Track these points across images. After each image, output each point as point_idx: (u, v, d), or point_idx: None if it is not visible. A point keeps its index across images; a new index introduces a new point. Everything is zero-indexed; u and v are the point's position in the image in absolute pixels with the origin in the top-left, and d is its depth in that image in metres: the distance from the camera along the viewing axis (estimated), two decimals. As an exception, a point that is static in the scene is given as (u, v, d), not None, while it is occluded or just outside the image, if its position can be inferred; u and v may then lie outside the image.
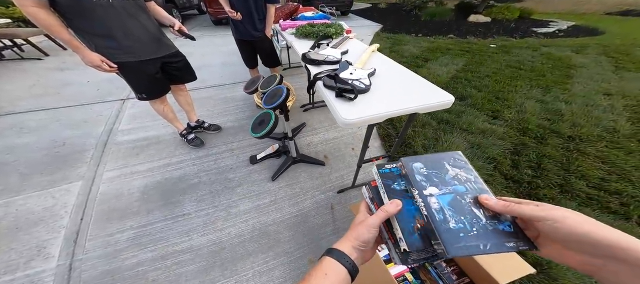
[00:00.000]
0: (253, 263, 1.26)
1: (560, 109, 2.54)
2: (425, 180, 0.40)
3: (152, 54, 1.49)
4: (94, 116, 2.38)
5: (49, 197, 1.57)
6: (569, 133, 2.19)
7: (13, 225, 1.40)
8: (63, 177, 1.71)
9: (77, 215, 1.47)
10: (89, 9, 1.17)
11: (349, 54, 1.44)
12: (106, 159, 1.89)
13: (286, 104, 1.37)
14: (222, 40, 4.99)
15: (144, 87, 1.58)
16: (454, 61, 3.81)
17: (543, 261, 1.24)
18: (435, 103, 0.93)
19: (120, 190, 1.63)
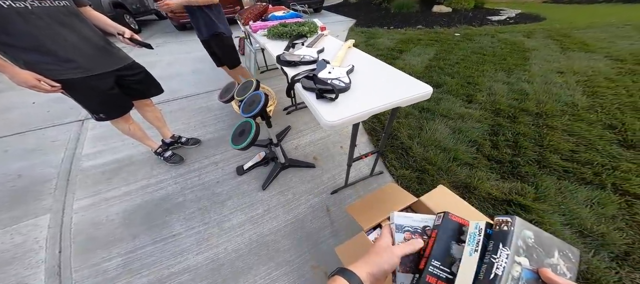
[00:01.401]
0: (255, 276, 1.24)
1: (525, 89, 2.78)
2: (525, 249, 0.39)
3: (101, 68, 1.34)
4: (48, 142, 2.16)
5: (15, 234, 1.46)
6: (536, 110, 2.40)
7: None
8: (26, 213, 1.57)
9: (54, 248, 1.39)
10: (5, 18, 1.01)
11: (325, 52, 1.42)
12: (74, 188, 1.74)
13: (266, 110, 1.33)
14: (190, 46, 4.74)
15: (99, 106, 1.44)
16: (426, 51, 4.00)
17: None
18: (415, 95, 0.96)
19: (97, 218, 1.53)
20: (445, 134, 2.11)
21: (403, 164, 1.82)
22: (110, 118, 1.51)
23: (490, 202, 1.53)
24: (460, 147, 1.94)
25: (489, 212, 1.48)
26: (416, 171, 1.75)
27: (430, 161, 1.80)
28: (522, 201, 1.50)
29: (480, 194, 1.56)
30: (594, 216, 1.44)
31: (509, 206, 1.50)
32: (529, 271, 0.38)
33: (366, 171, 1.78)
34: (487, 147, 1.96)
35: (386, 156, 1.90)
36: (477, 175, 1.69)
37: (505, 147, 1.95)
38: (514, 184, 1.63)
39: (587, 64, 3.35)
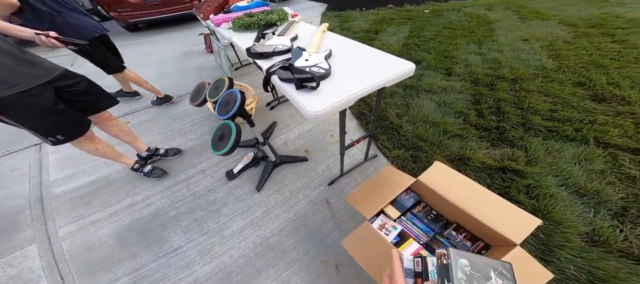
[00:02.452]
0: (267, 279, 1.24)
1: (497, 57, 2.91)
2: (465, 280, 0.42)
3: (30, 81, 1.15)
4: (7, 172, 1.95)
5: (6, 266, 1.39)
6: (511, 76, 2.52)
7: None
8: (9, 246, 1.48)
9: (54, 275, 1.33)
10: None
11: (299, 40, 1.35)
12: (51, 215, 1.62)
13: (245, 109, 1.26)
14: (148, 48, 4.30)
15: (51, 127, 1.27)
16: (400, 30, 4.01)
17: (541, 206, 1.37)
18: (398, 73, 0.93)
19: (88, 242, 1.46)
20: (432, 108, 2.15)
21: (395, 144, 1.85)
22: (70, 139, 1.36)
23: (486, 171, 1.59)
24: (448, 120, 1.99)
25: (486, 182, 1.54)
26: (410, 150, 1.78)
27: (422, 138, 1.84)
28: (516, 166, 1.57)
29: (475, 164, 1.62)
30: (585, 173, 1.54)
31: (505, 173, 1.57)
32: None
33: (360, 157, 1.79)
34: (473, 116, 2.03)
35: (378, 138, 1.91)
36: (469, 145, 1.75)
37: (490, 115, 2.03)
38: (505, 150, 1.71)
39: (545, 30, 3.56)
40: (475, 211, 0.92)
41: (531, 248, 1.23)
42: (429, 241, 1.04)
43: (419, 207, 1.17)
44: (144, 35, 5.00)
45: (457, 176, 1.10)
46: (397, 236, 1.06)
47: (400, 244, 1.03)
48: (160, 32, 5.06)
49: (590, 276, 1.11)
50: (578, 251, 1.19)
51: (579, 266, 1.14)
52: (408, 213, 1.15)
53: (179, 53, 3.94)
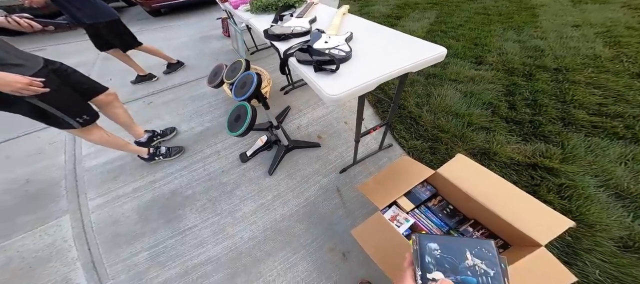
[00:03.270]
0: (274, 262, 1.27)
1: (539, 45, 2.60)
2: (434, 264, 0.39)
3: (38, 62, 1.19)
4: (45, 145, 2.13)
5: (43, 234, 1.52)
6: (554, 66, 2.25)
7: (26, 265, 1.38)
8: (47, 215, 1.61)
9: (83, 246, 1.44)
10: None
11: (318, 22, 1.30)
12: (84, 188, 1.75)
13: (261, 91, 1.25)
14: (169, 32, 4.36)
15: (75, 107, 1.30)
16: (425, 15, 3.72)
17: (572, 207, 1.26)
18: (427, 58, 0.86)
19: (114, 216, 1.56)
20: (456, 98, 1.99)
21: (413, 134, 1.75)
22: (94, 118, 1.42)
23: (513, 168, 1.47)
24: (474, 111, 1.84)
25: (512, 179, 1.43)
26: (428, 141, 1.68)
27: (443, 129, 1.72)
28: (548, 164, 1.44)
29: (501, 159, 1.50)
30: (630, 174, 1.38)
31: (534, 171, 1.45)
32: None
33: (374, 146, 1.72)
34: (504, 108, 1.85)
35: (395, 127, 1.82)
36: (496, 139, 1.62)
37: (524, 107, 1.84)
38: (538, 146, 1.56)
39: (603, 15, 3.09)
40: (497, 208, 0.86)
41: (554, 250, 1.15)
42: (443, 235, 0.99)
43: (435, 201, 1.12)
44: (165, 21, 5.09)
45: (481, 170, 1.01)
46: (408, 228, 1.02)
47: (410, 237, 0.99)
48: (180, 16, 5.12)
49: (616, 282, 1.03)
50: (608, 255, 1.10)
51: (605, 271, 1.06)
52: (422, 206, 1.10)
53: (198, 37, 3.97)
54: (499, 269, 0.39)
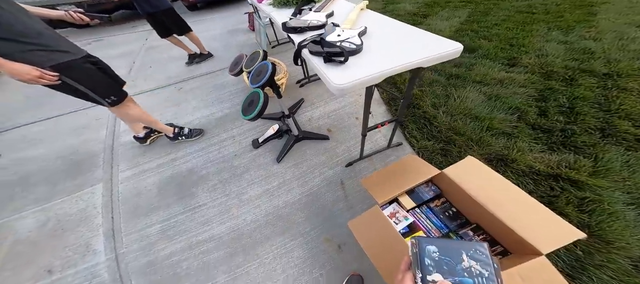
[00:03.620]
0: (272, 246, 1.28)
1: (589, 47, 2.28)
2: (433, 266, 0.40)
3: (81, 52, 1.34)
4: (93, 120, 2.37)
5: (79, 200, 1.67)
6: (604, 70, 1.97)
7: (58, 227, 1.52)
8: (84, 182, 1.78)
9: (108, 214, 1.56)
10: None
11: (335, 16, 1.30)
12: (118, 160, 1.92)
13: (275, 80, 1.29)
14: (202, 26, 4.56)
15: (105, 89, 1.43)
16: (456, 14, 3.47)
17: (592, 222, 1.13)
18: (439, 54, 0.82)
19: (138, 188, 1.68)
20: (478, 101, 1.84)
21: (425, 135, 1.65)
22: (121, 99, 1.55)
23: (532, 177, 1.33)
24: (497, 116, 1.68)
25: (528, 188, 1.29)
26: (441, 142, 1.57)
27: (458, 131, 1.60)
28: (574, 176, 1.27)
29: (519, 167, 1.36)
30: None
31: (556, 182, 1.29)
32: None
33: (383, 143, 1.66)
34: (533, 114, 1.67)
35: (406, 126, 1.74)
36: (517, 146, 1.46)
37: (558, 114, 1.64)
38: (565, 156, 1.39)
39: None
40: (501, 213, 0.78)
41: (559, 262, 1.04)
42: (440, 237, 0.93)
43: (438, 202, 1.05)
44: (200, 15, 5.39)
45: (491, 174, 0.93)
46: (406, 226, 0.98)
47: (407, 235, 0.95)
48: (213, 11, 5.39)
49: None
50: (620, 273, 0.99)
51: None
52: (424, 205, 1.04)
53: (226, 31, 4.15)
54: (492, 269, 0.40)
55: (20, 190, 1.77)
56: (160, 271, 1.26)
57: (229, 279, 1.19)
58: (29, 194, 1.73)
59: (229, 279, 1.19)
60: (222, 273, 1.22)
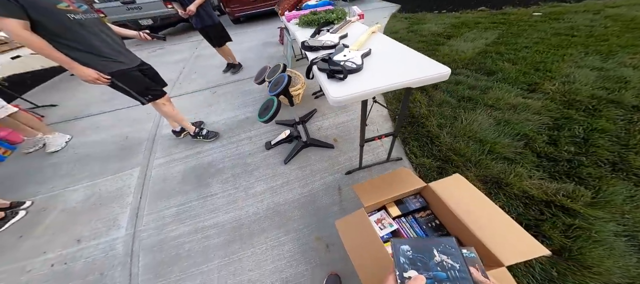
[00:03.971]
0: (267, 238, 1.30)
1: (626, 76, 2.02)
2: (408, 263, 0.41)
3: (133, 63, 1.57)
4: (144, 115, 2.65)
5: (119, 180, 1.83)
6: (634, 102, 1.74)
7: (98, 201, 1.68)
8: (127, 165, 1.97)
9: (138, 194, 1.69)
10: (72, 29, 1.23)
11: (349, 38, 1.35)
12: (156, 149, 2.11)
13: (289, 90, 1.35)
14: (242, 37, 4.98)
15: (144, 90, 1.64)
16: (484, 35, 3.29)
17: (573, 247, 1.02)
18: (426, 76, 0.85)
19: (165, 174, 1.81)
20: (486, 125, 1.73)
21: (426, 152, 1.59)
22: (157, 97, 1.74)
23: (523, 201, 1.22)
24: (502, 141, 1.57)
25: (516, 210, 1.19)
26: (438, 161, 1.50)
27: (458, 152, 1.52)
28: (569, 204, 1.15)
29: (512, 191, 1.25)
30: None
31: (548, 207, 1.17)
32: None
33: (384, 155, 1.62)
34: (541, 142, 1.53)
35: (408, 142, 1.69)
36: (516, 171, 1.34)
37: (569, 145, 1.48)
38: (565, 185, 1.25)
39: None
40: (474, 226, 0.76)
41: (532, 281, 0.97)
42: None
43: (423, 213, 1.02)
44: (242, 27, 5.88)
45: (474, 192, 0.89)
46: (389, 233, 0.97)
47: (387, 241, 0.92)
48: (253, 24, 5.86)
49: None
50: None
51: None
52: (410, 215, 1.02)
53: (260, 43, 4.45)
54: (462, 261, 0.41)
55: (80, 166, 2.01)
56: (165, 250, 1.32)
57: (223, 264, 1.22)
58: (85, 171, 1.95)
59: (222, 263, 1.23)
60: (218, 258, 1.25)
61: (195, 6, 2.49)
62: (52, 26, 1.18)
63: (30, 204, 1.68)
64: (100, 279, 1.25)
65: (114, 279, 1.24)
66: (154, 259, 1.30)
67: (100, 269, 1.29)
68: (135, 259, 1.31)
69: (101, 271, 1.28)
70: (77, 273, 1.29)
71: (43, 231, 1.52)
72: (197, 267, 1.23)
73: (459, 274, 0.39)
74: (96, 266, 1.31)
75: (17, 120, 2.11)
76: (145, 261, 1.30)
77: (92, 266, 1.31)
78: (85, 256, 1.36)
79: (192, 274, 1.21)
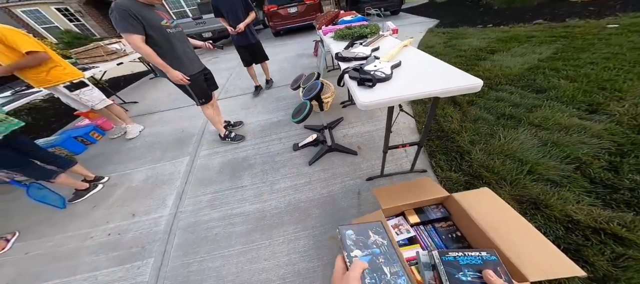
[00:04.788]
0: (285, 232, 1.35)
1: None
2: (353, 245, 0.47)
3: (200, 68, 1.85)
4: (197, 113, 2.99)
5: (173, 166, 2.07)
6: None
7: (154, 183, 1.91)
8: (181, 154, 2.23)
9: (184, 180, 1.88)
10: (169, 40, 1.56)
11: (380, 50, 1.39)
12: (203, 142, 2.38)
13: (321, 96, 1.44)
14: (278, 49, 5.39)
15: (203, 94, 1.90)
16: (537, 50, 2.96)
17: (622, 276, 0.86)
18: (457, 86, 0.83)
19: (207, 164, 2.03)
20: (528, 145, 1.54)
21: (453, 166, 1.48)
22: (208, 101, 1.99)
23: (564, 224, 1.05)
24: (547, 162, 1.37)
25: (555, 234, 1.02)
26: (467, 176, 1.39)
27: (491, 169, 1.38)
28: (623, 233, 0.97)
29: (553, 213, 1.09)
30: None
31: (596, 235, 0.99)
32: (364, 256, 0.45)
33: (407, 166, 1.56)
34: (597, 167, 1.30)
35: (435, 155, 1.60)
36: (561, 194, 1.16)
37: (633, 173, 1.23)
38: (622, 215, 1.04)
39: None
40: (500, 240, 0.68)
41: None
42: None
43: (444, 224, 0.96)
44: (281, 39, 6.39)
45: (503, 206, 0.82)
46: (406, 239, 0.94)
47: (404, 246, 0.91)
48: (291, 37, 6.34)
49: None
50: None
51: None
52: (430, 224, 0.97)
53: (296, 54, 4.75)
54: (388, 239, 0.49)
55: (147, 152, 2.38)
56: (196, 232, 1.44)
57: (242, 250, 1.30)
58: (149, 156, 2.30)
59: (242, 250, 1.30)
60: (239, 244, 1.33)
61: (245, 25, 2.63)
62: (157, 39, 1.51)
63: (107, 180, 2.03)
64: (140, 252, 1.38)
65: (151, 253, 1.37)
66: (186, 239, 1.41)
67: (143, 242, 1.43)
68: (172, 237, 1.43)
69: (143, 244, 1.42)
70: (124, 243, 1.45)
71: (111, 204, 1.76)
72: (220, 251, 1.31)
73: (387, 249, 0.47)
74: (141, 239, 1.46)
75: (111, 111, 2.62)
76: (179, 240, 1.41)
77: (138, 238, 1.46)
78: (135, 229, 1.53)
79: (214, 257, 1.29)
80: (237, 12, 2.56)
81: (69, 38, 9.93)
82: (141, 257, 1.35)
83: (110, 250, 1.43)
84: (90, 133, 2.73)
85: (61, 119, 3.56)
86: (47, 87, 2.10)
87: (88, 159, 2.40)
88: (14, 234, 1.64)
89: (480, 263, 0.55)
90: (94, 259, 1.39)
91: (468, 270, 0.53)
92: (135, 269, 1.30)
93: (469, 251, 0.59)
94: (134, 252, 1.39)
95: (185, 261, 1.30)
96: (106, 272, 1.31)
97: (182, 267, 1.27)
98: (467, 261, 0.56)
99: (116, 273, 1.29)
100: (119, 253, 1.40)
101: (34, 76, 1.96)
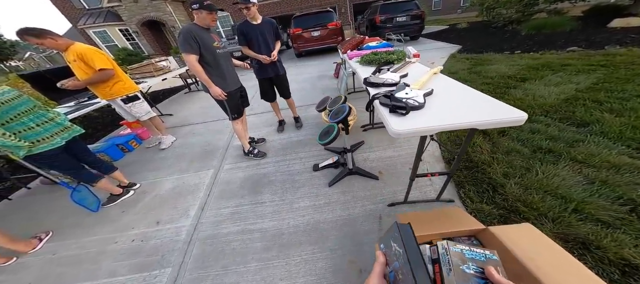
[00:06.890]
0: (302, 251, 1.34)
1: None
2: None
3: (237, 85, 2.04)
4: (224, 127, 3.24)
5: (197, 177, 2.17)
6: None
7: (179, 192, 2.00)
8: (206, 166, 2.33)
9: (207, 191, 1.96)
10: (217, 60, 1.78)
11: (408, 77, 1.41)
12: (227, 156, 2.50)
13: (347, 119, 1.48)
14: (300, 70, 5.71)
15: (236, 109, 2.07)
16: (574, 79, 2.80)
17: None
18: (498, 119, 0.81)
19: (230, 179, 2.10)
20: (572, 182, 1.42)
21: (485, 199, 1.40)
22: (238, 117, 2.14)
23: (620, 267, 0.92)
24: (595, 201, 1.25)
25: (611, 277, 0.90)
26: (501, 209, 1.29)
27: (529, 204, 1.28)
28: None
29: (606, 255, 0.96)
30: None
31: None
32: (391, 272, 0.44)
33: (433, 195, 1.50)
34: (658, 212, 1.14)
35: (463, 186, 1.53)
36: (614, 236, 1.03)
37: None
38: None
39: None
40: (544, 278, 0.61)
41: None
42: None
43: None
44: (302, 61, 6.75)
45: (549, 243, 0.74)
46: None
47: None
48: (313, 58, 6.70)
49: None
50: None
51: None
52: None
53: (316, 75, 4.97)
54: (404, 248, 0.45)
55: (176, 162, 2.54)
56: (214, 244, 1.46)
57: (258, 268, 1.29)
58: (178, 166, 2.45)
59: (258, 267, 1.29)
60: (255, 261, 1.33)
61: (277, 51, 2.34)
62: (208, 58, 1.72)
63: (138, 186, 2.17)
64: (159, 261, 1.41)
65: (169, 262, 1.39)
66: (203, 251, 1.43)
67: (163, 251, 1.47)
68: (191, 248, 1.46)
69: (163, 253, 1.45)
70: (146, 250, 1.49)
71: (138, 210, 1.85)
72: (236, 266, 1.31)
73: (403, 259, 0.43)
74: (162, 247, 1.50)
75: (152, 123, 2.88)
76: (197, 251, 1.43)
77: (159, 247, 1.50)
78: (158, 236, 1.58)
79: (229, 273, 1.29)
80: (267, 40, 2.23)
81: (124, 54, 11.30)
82: (159, 266, 1.39)
83: (132, 256, 1.48)
84: (130, 142, 3.02)
85: (106, 127, 4.01)
86: (108, 100, 2.41)
87: (124, 165, 2.61)
88: (48, 233, 1.76)
89: (483, 260, 0.57)
90: (115, 264, 1.44)
91: (472, 264, 0.55)
92: (153, 278, 1.33)
93: (475, 247, 0.61)
94: (153, 260, 1.43)
95: (201, 274, 1.31)
96: (123, 279, 1.35)
97: (198, 280, 1.28)
98: (472, 256, 0.58)
99: (133, 281, 1.33)
100: (138, 260, 1.44)
101: (102, 90, 2.28)
